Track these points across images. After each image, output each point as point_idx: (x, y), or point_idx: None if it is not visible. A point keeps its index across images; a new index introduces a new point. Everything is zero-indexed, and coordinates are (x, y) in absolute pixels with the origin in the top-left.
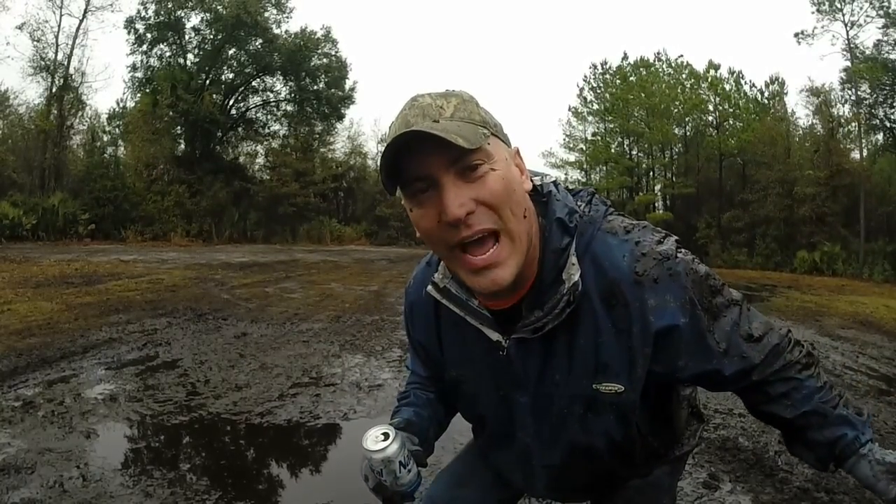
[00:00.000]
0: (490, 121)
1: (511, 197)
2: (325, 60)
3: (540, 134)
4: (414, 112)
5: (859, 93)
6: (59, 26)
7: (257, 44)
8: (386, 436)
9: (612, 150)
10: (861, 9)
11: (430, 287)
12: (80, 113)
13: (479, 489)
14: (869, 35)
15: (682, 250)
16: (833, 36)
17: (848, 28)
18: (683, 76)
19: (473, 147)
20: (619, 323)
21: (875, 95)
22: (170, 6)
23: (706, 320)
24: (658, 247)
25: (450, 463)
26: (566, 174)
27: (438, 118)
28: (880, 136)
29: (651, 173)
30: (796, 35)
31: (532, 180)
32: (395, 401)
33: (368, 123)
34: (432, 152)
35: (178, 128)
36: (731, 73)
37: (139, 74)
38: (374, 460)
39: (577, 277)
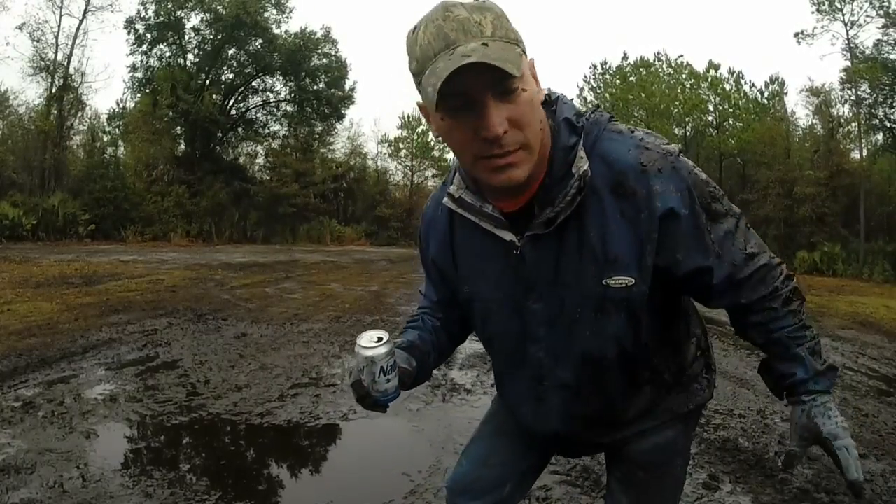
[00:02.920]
0: (520, 37)
1: (535, 115)
2: (325, 60)
3: None
4: (452, 26)
5: (859, 93)
6: (59, 26)
7: (257, 44)
8: (380, 339)
9: None
10: (861, 9)
11: (445, 199)
12: (80, 113)
13: (501, 466)
14: (869, 35)
15: (686, 157)
16: (833, 36)
17: (848, 28)
18: (683, 76)
19: (519, 75)
20: (628, 212)
21: (875, 95)
22: (170, 6)
23: (705, 219)
24: (663, 145)
25: (467, 445)
26: None
27: (480, 36)
28: (880, 136)
29: None
30: (796, 35)
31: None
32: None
33: (368, 123)
34: (479, 73)
35: (178, 128)
36: (731, 73)
37: (139, 74)
38: (359, 356)
39: (586, 167)
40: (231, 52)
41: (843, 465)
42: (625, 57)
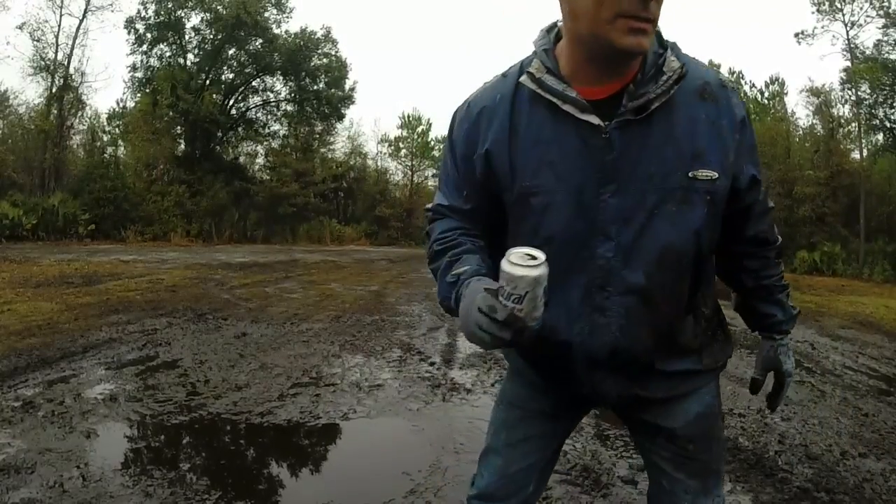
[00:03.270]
0: None
1: None
2: (325, 60)
3: None
4: None
5: (859, 93)
6: (59, 26)
7: (257, 44)
8: (534, 257)
9: None
10: (861, 9)
11: (524, 77)
12: (80, 113)
13: (523, 470)
14: (869, 35)
15: None
16: (833, 36)
17: (848, 28)
18: None
19: None
20: (711, 115)
21: (875, 96)
22: (170, 6)
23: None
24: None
25: (484, 456)
26: None
27: None
28: (880, 137)
29: None
30: (796, 35)
31: None
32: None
33: (368, 123)
34: None
35: (178, 128)
36: (731, 73)
37: (139, 74)
38: (523, 280)
39: (680, 64)
40: (231, 51)
41: (782, 393)
42: None
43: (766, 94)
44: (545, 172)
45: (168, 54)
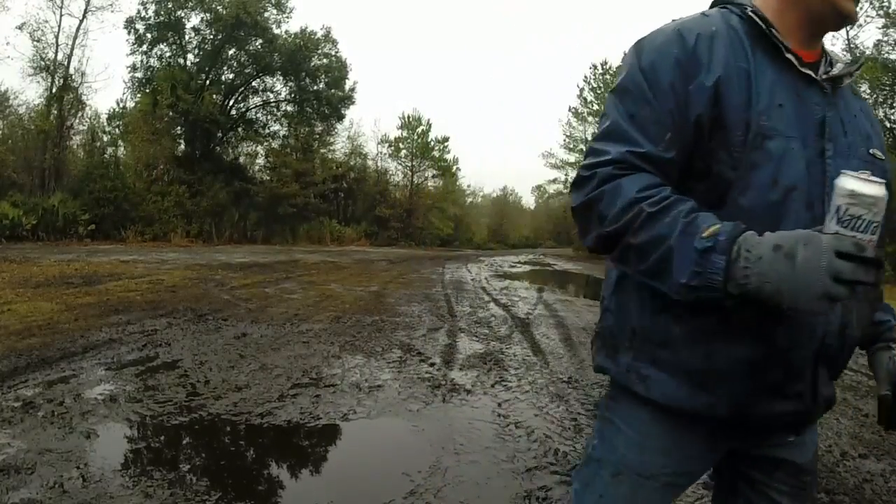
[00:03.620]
0: None
1: None
2: (325, 61)
3: (540, 134)
4: None
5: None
6: (59, 26)
7: (257, 44)
8: (864, 177)
9: None
10: (861, 9)
11: (750, 10)
12: (80, 113)
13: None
14: (869, 35)
15: None
16: (833, 36)
17: (848, 28)
18: None
19: None
20: (864, 109)
21: (875, 95)
22: (170, 6)
23: None
24: None
25: None
26: (566, 175)
27: None
28: None
29: None
30: None
31: None
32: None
33: (368, 124)
34: None
35: (178, 128)
36: None
37: (139, 74)
38: (882, 200)
39: (853, 58)
40: (231, 52)
41: None
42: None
43: None
44: (778, 114)
45: (168, 54)
